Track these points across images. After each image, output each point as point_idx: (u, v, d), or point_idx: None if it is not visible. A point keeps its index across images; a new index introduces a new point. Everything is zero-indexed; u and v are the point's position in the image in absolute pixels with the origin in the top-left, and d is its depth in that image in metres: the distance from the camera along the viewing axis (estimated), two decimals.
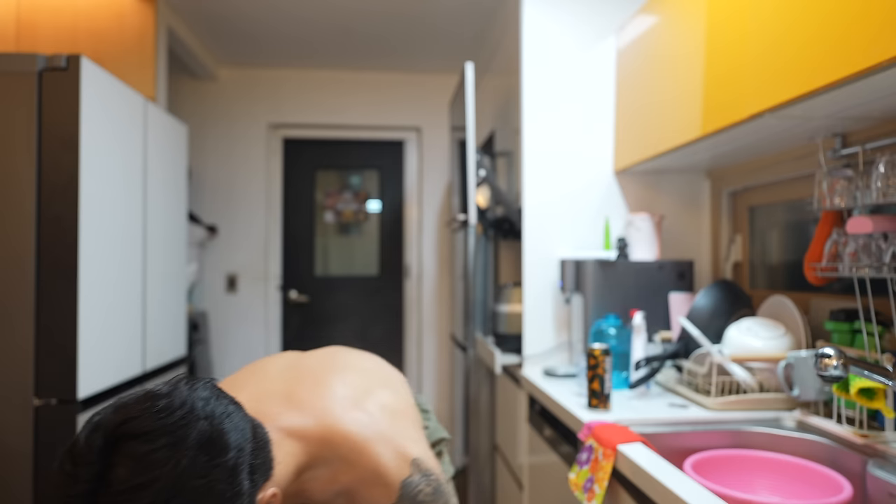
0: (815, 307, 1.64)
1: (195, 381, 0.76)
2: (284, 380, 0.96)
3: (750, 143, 1.61)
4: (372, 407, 0.92)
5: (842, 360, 1.04)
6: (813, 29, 1.12)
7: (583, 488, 1.28)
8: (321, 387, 0.93)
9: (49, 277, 1.72)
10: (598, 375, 1.49)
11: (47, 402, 1.71)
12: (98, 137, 1.85)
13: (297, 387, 0.94)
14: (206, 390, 0.75)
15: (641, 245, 1.99)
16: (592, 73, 2.15)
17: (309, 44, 3.34)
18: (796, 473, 1.20)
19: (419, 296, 3.86)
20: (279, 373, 0.99)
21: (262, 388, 0.94)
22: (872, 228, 1.24)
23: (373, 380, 1.00)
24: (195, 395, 0.73)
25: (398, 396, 1.00)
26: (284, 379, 0.97)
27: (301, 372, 0.98)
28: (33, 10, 2.36)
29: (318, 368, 0.99)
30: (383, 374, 1.05)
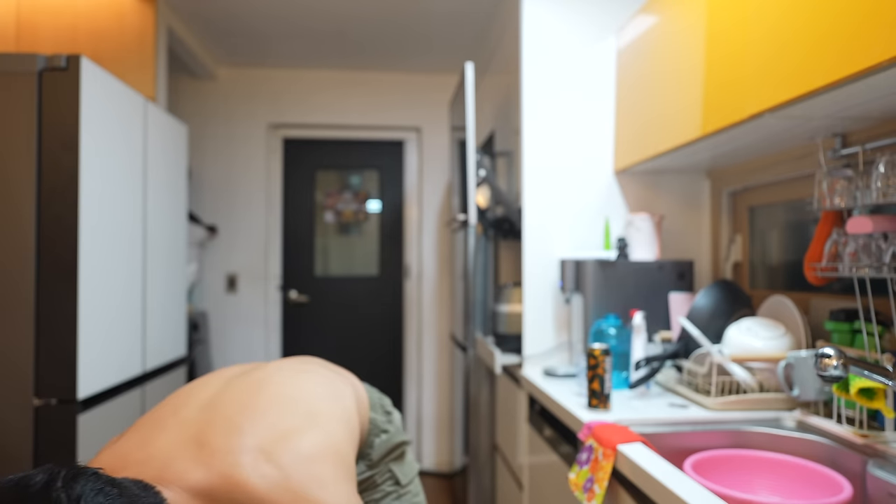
0: (814, 307, 1.64)
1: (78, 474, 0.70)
2: (199, 422, 0.92)
3: (750, 143, 1.61)
4: (286, 458, 0.86)
5: (842, 360, 1.04)
6: (813, 29, 1.12)
7: (583, 488, 1.28)
8: (234, 434, 0.88)
9: (49, 277, 1.72)
10: (598, 375, 1.49)
11: (47, 403, 1.71)
12: (98, 137, 1.85)
13: (210, 431, 0.89)
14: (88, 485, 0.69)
15: (641, 245, 1.99)
16: (592, 72, 2.15)
17: (309, 44, 3.34)
18: (796, 473, 1.20)
19: (419, 296, 3.86)
20: (197, 412, 0.94)
21: (174, 436, 0.89)
22: (872, 228, 1.24)
23: (297, 418, 0.93)
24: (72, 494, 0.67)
25: (323, 435, 0.92)
26: (200, 421, 0.92)
27: (218, 412, 0.93)
28: (33, 10, 2.36)
29: (237, 406, 0.94)
30: (314, 403, 0.99)
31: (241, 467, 0.83)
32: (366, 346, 3.85)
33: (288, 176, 3.86)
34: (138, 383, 2.16)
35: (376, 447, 1.15)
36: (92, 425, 1.80)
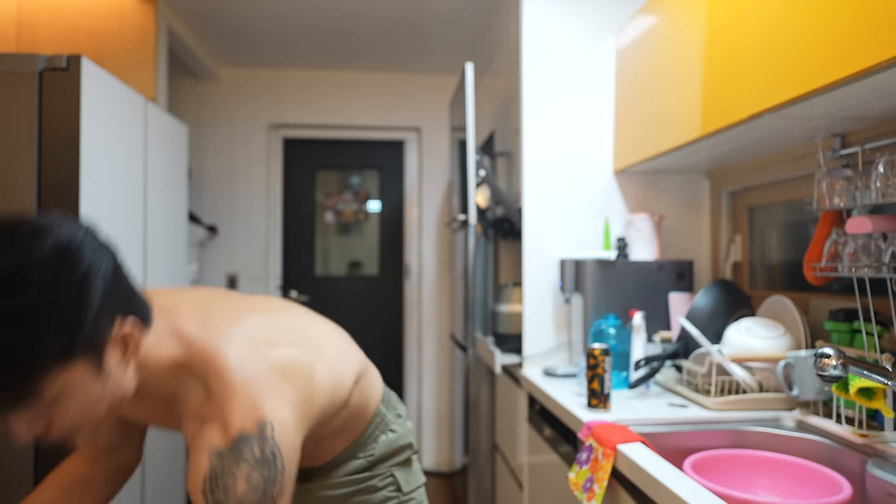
0: (814, 307, 1.64)
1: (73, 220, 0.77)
2: (210, 299, 0.95)
3: (749, 143, 1.61)
4: (265, 356, 0.86)
5: (841, 359, 1.04)
6: (812, 29, 1.13)
7: (582, 488, 1.28)
8: (234, 316, 0.91)
9: None
10: (598, 375, 1.49)
11: None
12: (98, 137, 1.86)
13: (215, 307, 0.92)
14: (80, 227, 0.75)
15: (641, 245, 2.00)
16: (592, 73, 2.15)
17: (309, 44, 3.34)
18: (796, 473, 1.20)
19: (419, 296, 3.86)
20: (213, 294, 0.98)
21: (183, 297, 0.94)
22: (872, 228, 1.24)
23: (296, 340, 0.93)
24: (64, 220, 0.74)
25: (307, 365, 0.91)
26: (211, 298, 0.96)
27: (233, 301, 0.97)
28: (34, 10, 2.36)
29: (254, 306, 0.97)
30: (319, 342, 0.99)
31: (227, 339, 0.85)
32: (366, 346, 3.85)
33: (288, 176, 3.86)
34: None
35: (380, 444, 1.13)
36: None
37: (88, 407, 0.76)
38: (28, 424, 0.73)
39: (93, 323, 0.72)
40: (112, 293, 0.76)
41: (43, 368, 0.69)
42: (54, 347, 0.69)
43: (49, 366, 0.69)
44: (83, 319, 0.71)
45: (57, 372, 0.70)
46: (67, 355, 0.70)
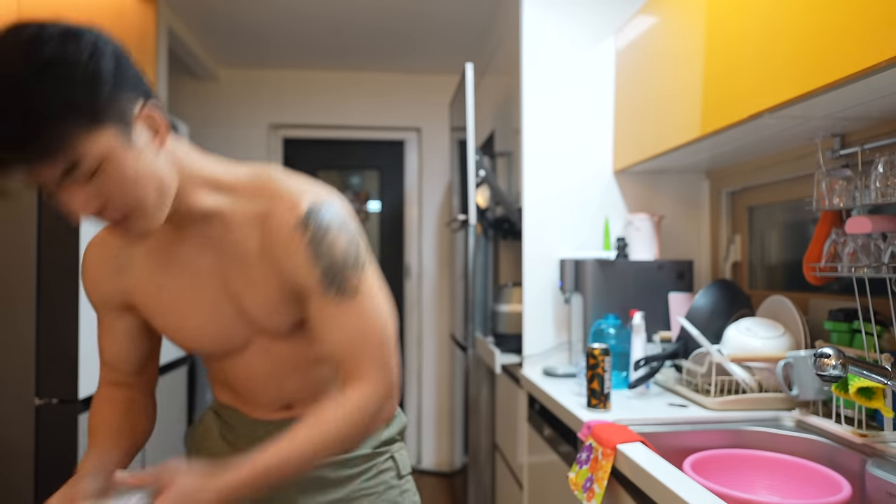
0: (814, 307, 1.64)
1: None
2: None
3: (749, 143, 1.62)
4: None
5: (841, 359, 1.05)
6: (812, 29, 1.13)
7: (582, 488, 1.28)
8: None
9: (50, 277, 1.72)
10: (598, 375, 1.49)
11: (48, 402, 1.71)
12: None
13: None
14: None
15: (641, 245, 2.00)
16: (592, 73, 2.16)
17: (309, 44, 3.34)
18: (795, 473, 1.21)
19: (419, 296, 3.86)
20: None
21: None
22: (871, 228, 1.24)
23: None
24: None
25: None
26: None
27: None
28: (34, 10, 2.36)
29: None
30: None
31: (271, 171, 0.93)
32: None
33: None
34: None
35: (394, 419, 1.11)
36: None
37: (131, 184, 0.77)
38: (81, 200, 0.75)
39: (112, 88, 0.74)
40: (126, 69, 0.77)
41: (74, 124, 0.71)
42: (80, 101, 0.71)
43: (79, 122, 0.71)
44: (101, 80, 0.73)
45: (88, 132, 0.72)
46: (94, 115, 0.72)
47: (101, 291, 0.98)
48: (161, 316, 0.95)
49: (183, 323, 0.95)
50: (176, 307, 0.94)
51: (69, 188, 0.74)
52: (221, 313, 0.93)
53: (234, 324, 0.94)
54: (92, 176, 0.74)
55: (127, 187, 0.76)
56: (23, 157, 0.70)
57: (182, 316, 0.94)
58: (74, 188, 0.74)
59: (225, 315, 0.93)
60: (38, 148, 0.69)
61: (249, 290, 0.91)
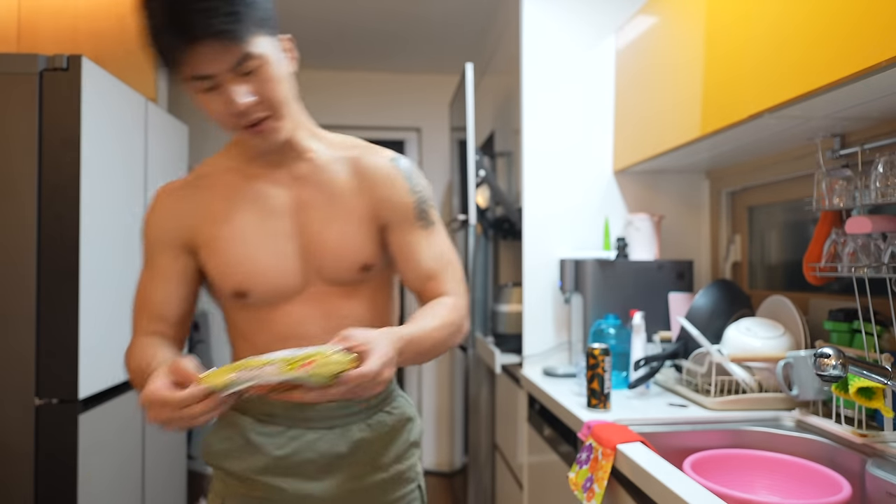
0: (813, 307, 1.64)
1: None
2: None
3: (749, 143, 1.62)
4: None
5: (840, 359, 1.05)
6: (812, 29, 1.13)
7: (582, 487, 1.28)
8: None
9: (50, 277, 1.72)
10: (598, 375, 1.49)
11: (48, 402, 1.71)
12: (99, 137, 1.86)
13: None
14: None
15: (641, 245, 2.00)
16: (592, 73, 2.16)
17: (309, 44, 3.34)
18: (795, 473, 1.21)
19: None
20: None
21: None
22: (871, 228, 1.24)
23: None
24: None
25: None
26: None
27: None
28: (34, 10, 2.36)
29: None
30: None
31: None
32: None
33: None
34: None
35: (416, 425, 1.16)
36: (93, 425, 1.80)
37: (277, 85, 0.92)
38: (242, 91, 0.88)
39: (272, 4, 0.93)
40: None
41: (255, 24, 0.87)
42: (260, 7, 0.89)
43: (258, 23, 0.88)
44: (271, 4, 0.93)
45: (259, 34, 0.89)
46: (265, 21, 0.90)
47: (168, 228, 1.02)
48: (223, 251, 1.00)
49: (243, 259, 0.99)
50: (240, 243, 0.99)
51: (233, 81, 0.88)
52: (285, 251, 1.00)
53: (294, 263, 1.00)
54: (251, 73, 0.88)
55: (274, 87, 0.91)
56: (219, 40, 0.84)
57: (244, 252, 0.99)
58: (238, 81, 0.88)
59: (288, 253, 1.00)
60: (232, 33, 0.84)
61: (328, 224, 1.01)
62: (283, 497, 1.04)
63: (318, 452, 1.04)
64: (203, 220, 1.01)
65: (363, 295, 1.05)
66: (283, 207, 1.01)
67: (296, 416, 1.04)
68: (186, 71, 0.87)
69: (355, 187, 1.03)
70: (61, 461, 1.70)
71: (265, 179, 1.02)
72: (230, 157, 1.06)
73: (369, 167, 1.04)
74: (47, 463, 1.70)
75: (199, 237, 1.01)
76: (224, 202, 1.01)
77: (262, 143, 0.95)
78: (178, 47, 0.84)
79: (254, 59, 0.88)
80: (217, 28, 0.83)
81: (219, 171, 1.05)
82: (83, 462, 1.73)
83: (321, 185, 1.02)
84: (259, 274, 0.99)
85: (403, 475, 1.13)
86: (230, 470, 1.05)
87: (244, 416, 1.07)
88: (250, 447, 1.04)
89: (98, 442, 1.83)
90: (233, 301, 1.02)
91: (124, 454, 2.03)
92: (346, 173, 1.03)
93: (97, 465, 1.82)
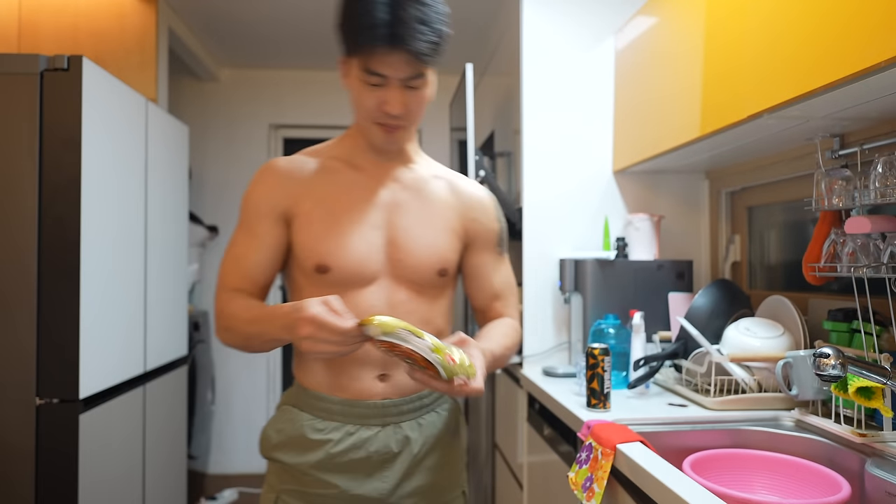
0: (813, 307, 1.65)
1: None
2: None
3: (748, 143, 1.62)
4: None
5: (840, 359, 1.05)
6: (811, 30, 1.13)
7: (582, 487, 1.29)
8: None
9: (51, 277, 1.72)
10: (598, 375, 1.49)
11: (49, 402, 1.72)
12: (99, 138, 1.86)
13: None
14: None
15: (640, 245, 2.00)
16: (591, 73, 2.16)
17: (310, 44, 3.35)
18: (795, 472, 1.21)
19: None
20: None
21: None
22: (871, 228, 1.24)
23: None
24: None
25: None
26: None
27: None
28: (35, 10, 2.36)
29: None
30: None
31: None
32: None
33: None
34: (139, 383, 2.17)
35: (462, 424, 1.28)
36: (93, 424, 1.81)
37: (422, 104, 1.07)
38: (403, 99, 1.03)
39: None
40: None
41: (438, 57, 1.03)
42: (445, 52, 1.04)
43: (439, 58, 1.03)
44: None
45: (434, 65, 1.05)
46: (441, 60, 1.04)
47: (271, 199, 1.10)
48: (315, 226, 1.08)
49: (331, 236, 1.07)
50: (332, 222, 1.08)
51: (398, 88, 1.02)
52: (370, 238, 1.09)
53: (376, 253, 1.09)
54: (413, 89, 1.03)
55: (420, 106, 1.06)
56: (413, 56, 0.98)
57: (334, 231, 1.08)
58: (404, 91, 1.02)
59: (372, 241, 1.09)
60: (425, 56, 1.00)
61: (419, 226, 1.11)
62: (336, 494, 1.07)
63: (371, 451, 1.08)
64: (302, 195, 1.09)
65: (429, 297, 1.13)
66: (379, 202, 1.11)
67: (351, 412, 1.08)
68: (372, 64, 0.99)
69: (451, 203, 1.16)
70: (62, 461, 1.70)
71: (368, 174, 1.13)
72: (341, 147, 1.16)
73: (466, 190, 1.19)
74: (48, 462, 1.70)
75: (295, 209, 1.09)
76: (325, 184, 1.10)
77: (385, 142, 1.08)
78: (382, 46, 0.97)
79: (421, 80, 1.03)
80: (418, 48, 0.98)
81: (327, 156, 1.14)
82: (84, 461, 1.74)
83: (419, 191, 1.14)
84: (343, 253, 1.07)
85: (450, 479, 1.17)
86: (286, 463, 1.09)
87: (302, 412, 1.11)
88: (307, 441, 1.08)
89: (98, 441, 1.83)
90: (312, 277, 1.08)
91: (125, 454, 2.03)
92: (443, 189, 1.17)
93: (98, 464, 1.83)
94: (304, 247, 1.08)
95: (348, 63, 1.05)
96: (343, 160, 1.14)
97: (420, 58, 0.99)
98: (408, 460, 1.11)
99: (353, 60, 1.03)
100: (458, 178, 1.21)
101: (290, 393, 1.16)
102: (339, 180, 1.12)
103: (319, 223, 1.08)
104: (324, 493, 1.08)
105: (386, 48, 0.97)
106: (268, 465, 1.15)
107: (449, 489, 1.18)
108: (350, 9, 1.01)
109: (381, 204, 1.11)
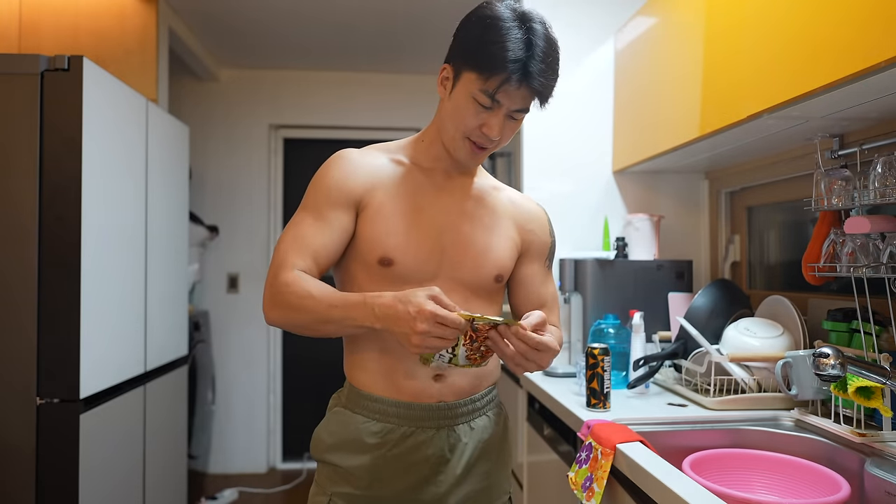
0: (812, 307, 1.65)
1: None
2: None
3: (748, 143, 1.62)
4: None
5: (839, 359, 1.05)
6: (811, 30, 1.13)
7: (582, 487, 1.29)
8: None
9: (51, 277, 1.72)
10: (598, 375, 1.49)
11: (49, 401, 1.72)
12: (100, 138, 1.86)
13: None
14: None
15: (640, 245, 2.00)
16: (591, 73, 2.16)
17: (310, 45, 3.35)
18: (794, 472, 1.21)
19: None
20: None
21: None
22: (870, 228, 1.24)
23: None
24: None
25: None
26: None
27: None
28: (35, 11, 2.37)
29: None
30: None
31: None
32: None
33: (289, 176, 3.87)
34: (140, 382, 2.17)
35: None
36: (94, 424, 1.81)
37: (511, 135, 1.12)
38: (500, 127, 1.07)
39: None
40: None
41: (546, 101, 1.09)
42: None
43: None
44: None
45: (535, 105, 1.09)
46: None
47: (344, 185, 1.11)
48: (383, 219, 1.09)
49: (398, 232, 1.09)
50: (399, 218, 1.10)
51: (502, 117, 1.06)
52: (432, 237, 1.12)
53: (437, 253, 1.11)
54: (513, 120, 1.08)
55: (510, 136, 1.12)
56: (534, 96, 1.06)
57: (401, 227, 1.10)
58: (506, 120, 1.07)
59: (434, 241, 1.11)
60: (541, 97, 1.07)
61: (481, 232, 1.15)
62: (390, 497, 1.07)
63: (427, 454, 1.08)
64: (374, 188, 1.11)
65: (483, 301, 1.16)
66: (444, 206, 1.14)
67: (407, 414, 1.08)
68: (494, 88, 1.02)
69: (510, 213, 1.21)
70: (62, 460, 1.70)
71: (437, 179, 1.16)
72: (414, 149, 1.18)
73: (525, 204, 1.25)
74: (48, 462, 1.70)
75: (366, 200, 1.10)
76: (396, 181, 1.13)
77: (470, 158, 1.12)
78: (516, 78, 1.01)
79: (523, 115, 1.09)
80: (540, 90, 1.05)
81: (398, 155, 1.17)
82: (84, 461, 1.74)
83: (481, 200, 1.18)
84: (409, 249, 1.09)
85: (499, 484, 1.18)
86: (338, 465, 1.09)
87: (356, 414, 1.10)
88: (362, 445, 1.08)
89: (99, 441, 1.84)
90: (372, 269, 1.09)
91: (125, 453, 2.03)
92: (503, 200, 1.21)
93: (98, 464, 1.83)
94: (369, 238, 1.09)
95: (463, 77, 1.05)
96: (414, 162, 1.16)
97: (537, 97, 1.06)
98: (461, 464, 1.11)
99: (472, 77, 1.03)
100: (516, 192, 1.26)
101: (340, 394, 1.15)
102: (410, 180, 1.14)
103: (389, 217, 1.10)
104: (378, 496, 1.07)
105: (516, 83, 1.02)
106: (318, 466, 1.14)
107: (497, 495, 1.18)
108: (488, 30, 1.02)
109: (447, 208, 1.14)
